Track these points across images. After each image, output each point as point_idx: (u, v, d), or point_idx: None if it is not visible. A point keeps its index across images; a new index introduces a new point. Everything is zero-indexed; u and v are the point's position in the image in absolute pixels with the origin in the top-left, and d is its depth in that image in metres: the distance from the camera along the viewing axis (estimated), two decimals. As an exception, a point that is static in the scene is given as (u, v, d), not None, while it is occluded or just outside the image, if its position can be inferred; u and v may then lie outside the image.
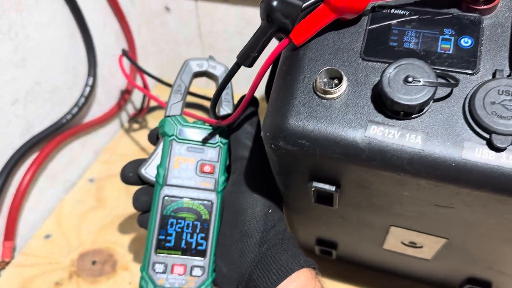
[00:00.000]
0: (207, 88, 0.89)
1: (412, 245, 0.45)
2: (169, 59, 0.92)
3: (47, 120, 0.67)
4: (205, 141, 0.46)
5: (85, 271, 0.63)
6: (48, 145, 0.67)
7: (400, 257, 0.50)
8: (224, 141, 0.47)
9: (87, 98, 0.72)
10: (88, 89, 0.71)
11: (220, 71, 0.49)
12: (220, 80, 0.48)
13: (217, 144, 0.46)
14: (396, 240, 0.45)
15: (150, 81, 0.78)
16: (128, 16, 0.79)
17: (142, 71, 0.62)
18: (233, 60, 0.88)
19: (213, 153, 0.46)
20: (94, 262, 0.64)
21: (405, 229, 0.42)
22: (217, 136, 0.47)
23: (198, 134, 0.46)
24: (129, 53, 0.65)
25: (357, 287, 0.60)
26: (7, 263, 0.64)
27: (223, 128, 0.47)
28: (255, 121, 0.46)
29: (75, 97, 0.72)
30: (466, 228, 0.37)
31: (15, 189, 0.64)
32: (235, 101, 0.48)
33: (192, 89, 0.51)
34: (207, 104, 0.82)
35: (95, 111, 0.78)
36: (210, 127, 0.47)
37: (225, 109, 0.48)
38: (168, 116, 0.47)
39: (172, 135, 0.46)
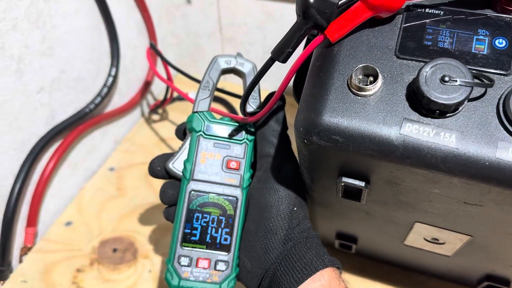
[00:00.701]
0: (224, 80, 0.90)
1: (435, 241, 0.46)
2: (189, 51, 0.92)
3: (71, 109, 0.68)
4: (231, 138, 0.47)
5: (106, 259, 0.64)
6: (71, 134, 0.68)
7: (419, 253, 0.51)
8: (250, 137, 0.47)
9: (110, 88, 0.72)
10: (111, 79, 0.72)
11: (248, 68, 0.49)
12: (248, 77, 0.49)
13: (243, 141, 0.47)
14: (419, 236, 0.46)
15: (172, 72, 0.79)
16: (149, 8, 0.79)
17: (169, 65, 0.63)
18: (253, 54, 0.88)
19: (239, 150, 0.47)
20: (115, 250, 0.65)
21: (429, 225, 0.42)
22: (244, 132, 0.47)
23: (224, 130, 0.47)
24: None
25: (373, 281, 0.61)
26: (29, 249, 0.65)
27: (250, 125, 0.47)
28: (281, 118, 0.46)
29: (98, 86, 0.72)
30: (493, 226, 0.38)
31: (38, 176, 0.65)
32: (262, 98, 0.48)
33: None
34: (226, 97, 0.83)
35: (116, 101, 0.78)
36: (237, 124, 0.47)
37: (251, 106, 0.48)
38: (196, 112, 0.47)
39: (200, 130, 0.46)
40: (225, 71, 0.50)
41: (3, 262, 0.61)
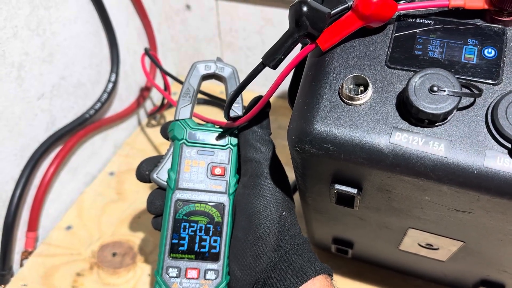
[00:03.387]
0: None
1: (429, 246, 0.46)
2: (188, 56, 0.93)
3: (71, 114, 0.69)
4: (215, 144, 0.46)
5: (106, 263, 0.65)
6: (71, 139, 0.69)
7: (415, 258, 0.51)
8: (234, 143, 0.47)
9: (110, 94, 0.73)
10: (110, 85, 0.73)
11: (228, 73, 0.49)
12: (228, 82, 0.49)
13: (227, 146, 0.47)
14: (413, 241, 0.46)
15: (169, 78, 0.80)
16: (149, 13, 0.80)
17: (163, 72, 0.63)
18: (252, 58, 0.89)
19: (224, 155, 0.47)
20: (114, 254, 0.66)
21: (423, 231, 0.43)
22: (227, 138, 0.47)
23: (208, 136, 0.46)
24: (150, 51, 0.67)
25: (370, 285, 0.61)
26: (30, 253, 0.66)
27: (233, 130, 0.47)
28: (265, 123, 0.46)
29: (98, 92, 0.73)
30: (484, 233, 0.38)
31: (39, 181, 0.66)
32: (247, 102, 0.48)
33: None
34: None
35: (116, 106, 0.79)
36: (220, 129, 0.47)
37: (234, 111, 0.47)
38: (177, 120, 0.47)
39: (182, 138, 0.46)
40: (206, 77, 0.49)
41: (4, 266, 0.62)
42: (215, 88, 0.70)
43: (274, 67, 0.37)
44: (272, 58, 0.37)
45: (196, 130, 0.46)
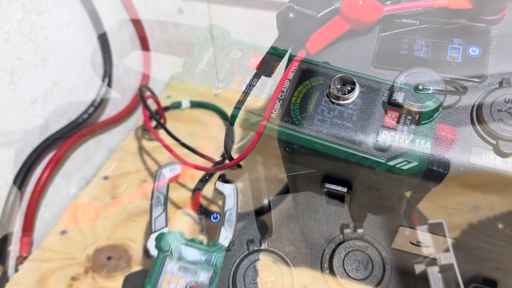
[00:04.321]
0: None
1: (420, 244, 0.47)
2: (181, 60, 0.93)
3: (64, 119, 0.69)
4: (199, 263, 0.45)
5: (101, 267, 0.65)
6: (65, 144, 0.69)
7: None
8: (219, 264, 0.45)
9: (103, 98, 0.73)
10: (104, 89, 0.73)
11: (228, 190, 0.48)
12: (227, 198, 0.48)
13: (211, 268, 0.45)
14: (405, 239, 0.47)
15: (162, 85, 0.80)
16: (142, 18, 0.80)
17: (152, 115, 0.65)
18: (244, 61, 0.88)
19: (205, 277, 0.44)
20: (109, 258, 0.66)
21: (413, 229, 0.43)
22: (213, 258, 0.45)
23: (193, 253, 0.45)
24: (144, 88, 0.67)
25: (366, 285, 0.61)
26: (25, 258, 0.66)
27: (221, 251, 0.45)
28: None
29: (92, 97, 0.73)
30: (473, 229, 0.39)
31: (33, 186, 0.66)
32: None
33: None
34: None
35: (109, 111, 0.79)
36: (208, 250, 0.46)
37: (226, 229, 0.46)
38: (155, 231, 0.46)
39: (167, 251, 0.45)
40: (172, 179, 0.49)
41: (-1, 272, 0.62)
42: (211, 90, 0.70)
43: (268, 75, 0.38)
44: (265, 66, 0.37)
45: (183, 244, 0.45)
